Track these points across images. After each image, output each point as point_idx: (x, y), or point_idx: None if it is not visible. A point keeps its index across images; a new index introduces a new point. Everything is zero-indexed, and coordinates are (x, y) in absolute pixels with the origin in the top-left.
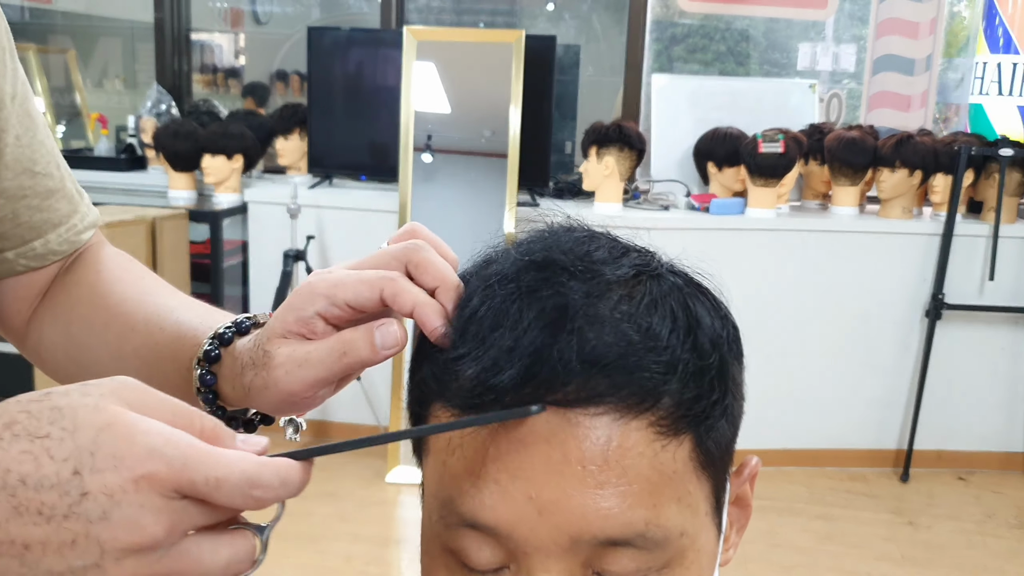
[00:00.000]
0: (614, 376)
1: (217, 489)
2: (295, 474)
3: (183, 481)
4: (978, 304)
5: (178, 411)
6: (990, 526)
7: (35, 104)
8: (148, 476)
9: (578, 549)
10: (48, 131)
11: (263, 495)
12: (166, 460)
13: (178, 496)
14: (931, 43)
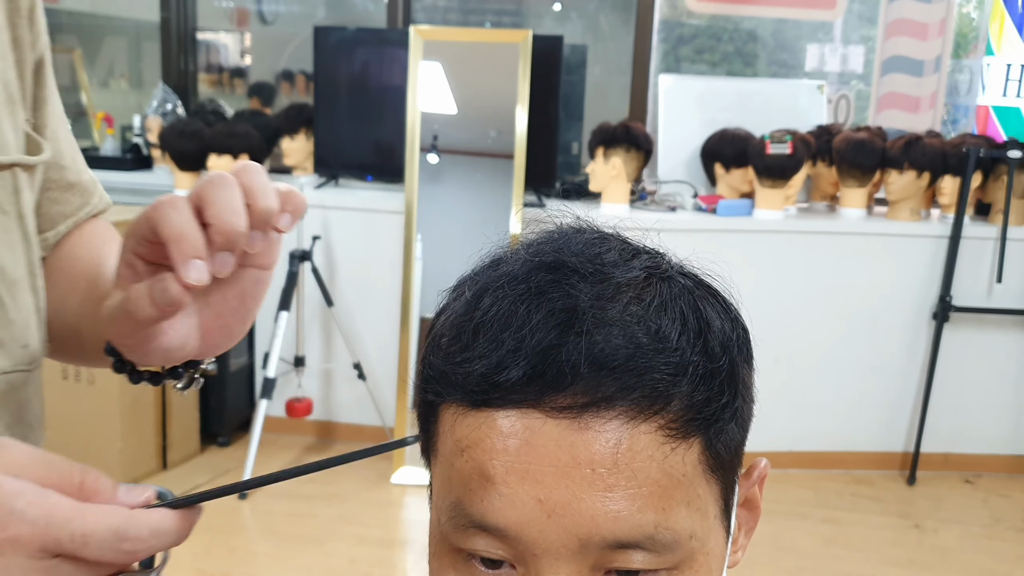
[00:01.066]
0: (623, 378)
1: (84, 546)
2: (169, 523)
3: (48, 540)
4: (986, 306)
5: (53, 467)
6: (998, 530)
7: (59, 100)
8: (12, 540)
9: (587, 551)
10: (68, 125)
11: (133, 547)
12: (29, 521)
13: (47, 555)
14: (940, 44)
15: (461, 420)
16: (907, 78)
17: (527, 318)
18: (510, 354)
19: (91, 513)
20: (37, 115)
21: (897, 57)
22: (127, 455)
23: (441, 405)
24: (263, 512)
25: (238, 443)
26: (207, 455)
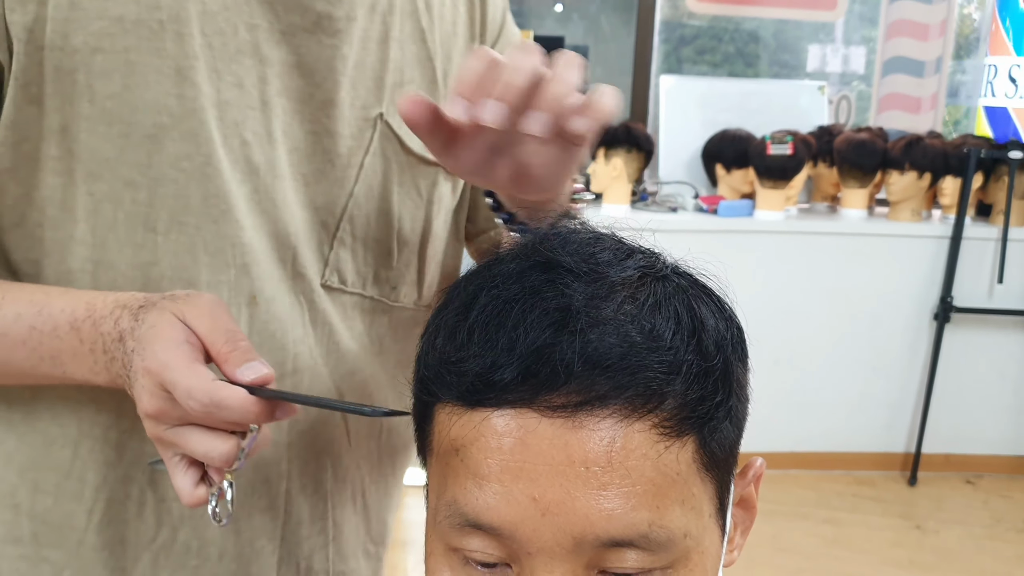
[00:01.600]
0: (617, 377)
1: (188, 397)
2: (252, 406)
3: (165, 382)
4: (987, 307)
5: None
6: (999, 531)
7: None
8: (147, 370)
9: (581, 550)
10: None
11: (224, 415)
12: (159, 363)
13: (164, 392)
14: (941, 45)
15: (456, 419)
16: (908, 79)
17: (521, 318)
18: (504, 353)
19: (198, 376)
20: None
21: (898, 58)
22: None
23: (436, 405)
24: None
25: None
26: None
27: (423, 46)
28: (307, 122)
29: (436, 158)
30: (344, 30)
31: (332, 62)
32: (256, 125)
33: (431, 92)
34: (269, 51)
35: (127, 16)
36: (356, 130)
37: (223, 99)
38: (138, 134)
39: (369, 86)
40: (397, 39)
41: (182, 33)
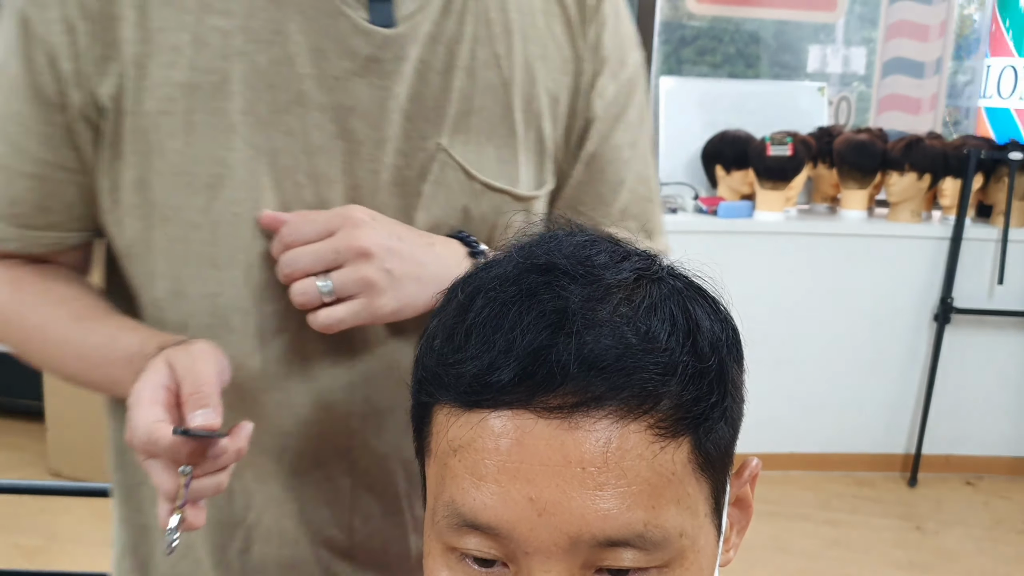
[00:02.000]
0: (613, 378)
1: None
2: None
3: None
4: (987, 308)
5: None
6: (999, 532)
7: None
8: (128, 406)
9: (577, 549)
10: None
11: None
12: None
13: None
14: (941, 46)
15: (454, 420)
16: (908, 80)
17: (518, 319)
18: (501, 355)
19: (145, 415)
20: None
21: (898, 59)
22: None
23: (434, 406)
24: None
25: None
26: None
27: (498, 72)
28: (365, 160)
29: None
30: (395, 71)
31: (384, 102)
32: (309, 168)
33: (503, 118)
34: (320, 98)
35: (186, 82)
36: (414, 160)
37: (273, 147)
38: (199, 183)
39: (428, 116)
40: (465, 67)
41: (232, 92)
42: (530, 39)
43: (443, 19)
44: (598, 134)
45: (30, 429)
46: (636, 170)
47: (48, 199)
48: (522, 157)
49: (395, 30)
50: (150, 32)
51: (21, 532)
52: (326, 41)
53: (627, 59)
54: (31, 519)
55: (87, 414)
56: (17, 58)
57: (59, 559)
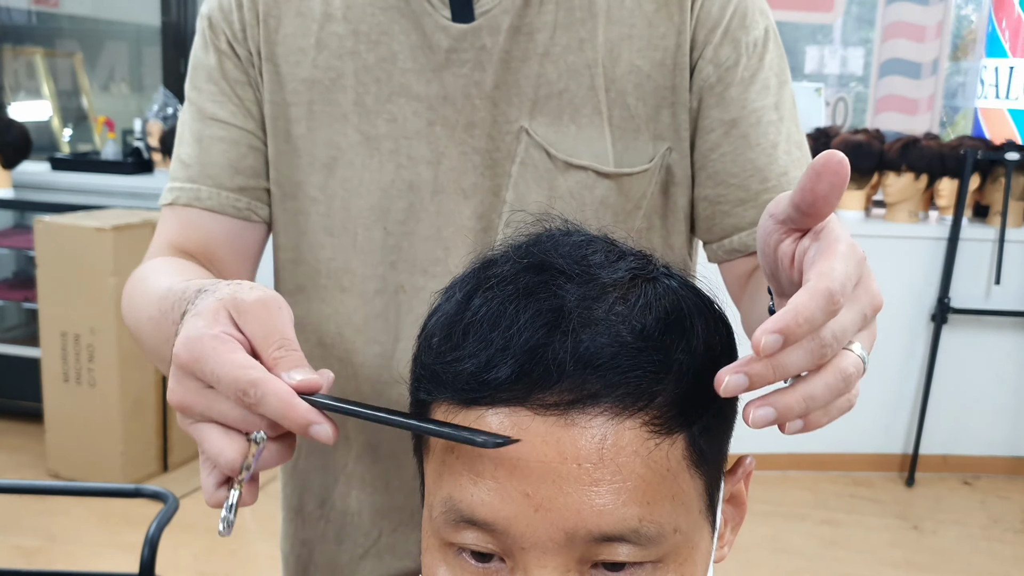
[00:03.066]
0: (608, 376)
1: (217, 381)
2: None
3: (195, 368)
4: (984, 308)
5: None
6: (996, 531)
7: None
8: (176, 356)
9: (573, 544)
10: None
11: (255, 400)
12: (188, 350)
13: (192, 380)
14: (938, 47)
15: (452, 417)
16: (905, 80)
17: (515, 318)
18: (499, 353)
19: (231, 364)
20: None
21: (895, 59)
22: (128, 457)
23: (432, 403)
24: (264, 514)
25: None
26: None
27: (580, 55)
28: (458, 143)
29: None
30: (473, 60)
31: (467, 89)
32: (410, 151)
33: (588, 98)
34: (420, 89)
35: (308, 78)
36: (502, 143)
37: (379, 133)
38: (317, 164)
39: (512, 101)
40: (546, 54)
41: (345, 86)
42: (615, 20)
43: (524, 11)
44: (725, 100)
45: (29, 430)
46: (787, 132)
47: (239, 161)
48: (609, 135)
49: (471, 24)
50: (283, 36)
51: (20, 533)
52: (420, 39)
53: (751, 23)
54: (30, 520)
55: (86, 415)
56: (207, 48)
57: (58, 559)
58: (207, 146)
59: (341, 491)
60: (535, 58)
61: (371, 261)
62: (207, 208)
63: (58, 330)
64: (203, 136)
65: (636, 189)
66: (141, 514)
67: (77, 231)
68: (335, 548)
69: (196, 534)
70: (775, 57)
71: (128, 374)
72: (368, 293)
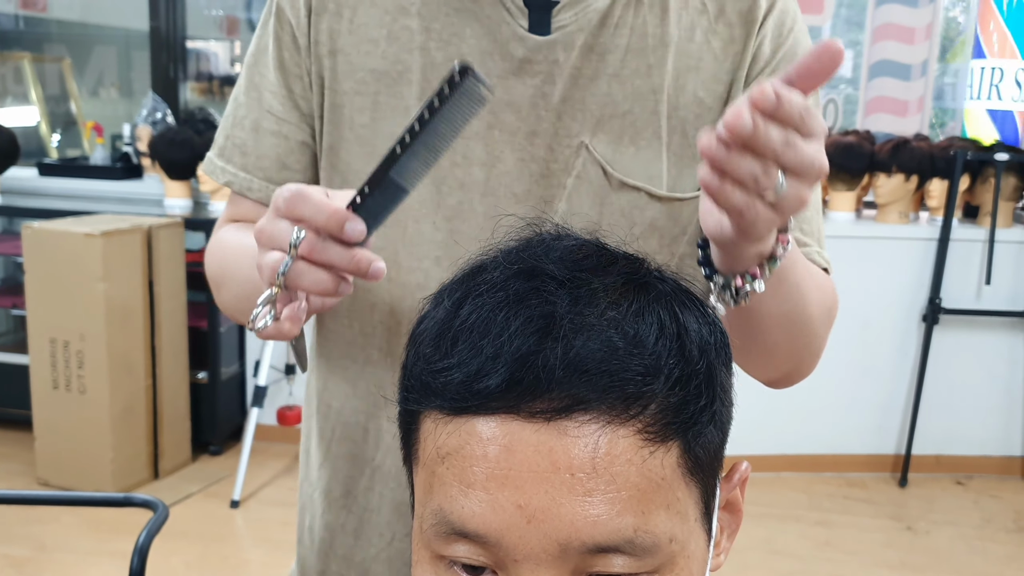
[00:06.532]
0: (599, 381)
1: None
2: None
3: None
4: (975, 308)
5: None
6: (989, 531)
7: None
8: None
9: (567, 556)
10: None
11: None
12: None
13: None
14: (927, 48)
15: (442, 427)
16: (895, 82)
17: (505, 325)
18: (489, 361)
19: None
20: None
21: (884, 61)
22: (119, 464)
23: (422, 413)
24: (256, 520)
25: (230, 452)
26: (199, 464)
27: (647, 80)
28: (516, 149)
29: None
30: (545, 72)
31: (535, 99)
32: (467, 151)
33: (649, 122)
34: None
35: (377, 68)
36: (561, 155)
37: None
38: (377, 153)
39: (576, 116)
40: (615, 75)
41: (411, 80)
42: (683, 52)
43: (599, 31)
44: None
45: (18, 438)
46: (815, 202)
47: (287, 156)
48: (666, 159)
49: (548, 37)
50: (357, 26)
51: (9, 542)
52: (492, 45)
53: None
54: (19, 529)
55: (76, 423)
56: (271, 37)
57: (48, 568)
58: (262, 137)
59: (365, 484)
60: (604, 78)
61: (417, 254)
62: (256, 200)
63: (47, 337)
64: (260, 127)
65: (685, 215)
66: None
67: (66, 237)
68: (352, 542)
69: (187, 542)
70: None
71: (118, 381)
72: (411, 286)
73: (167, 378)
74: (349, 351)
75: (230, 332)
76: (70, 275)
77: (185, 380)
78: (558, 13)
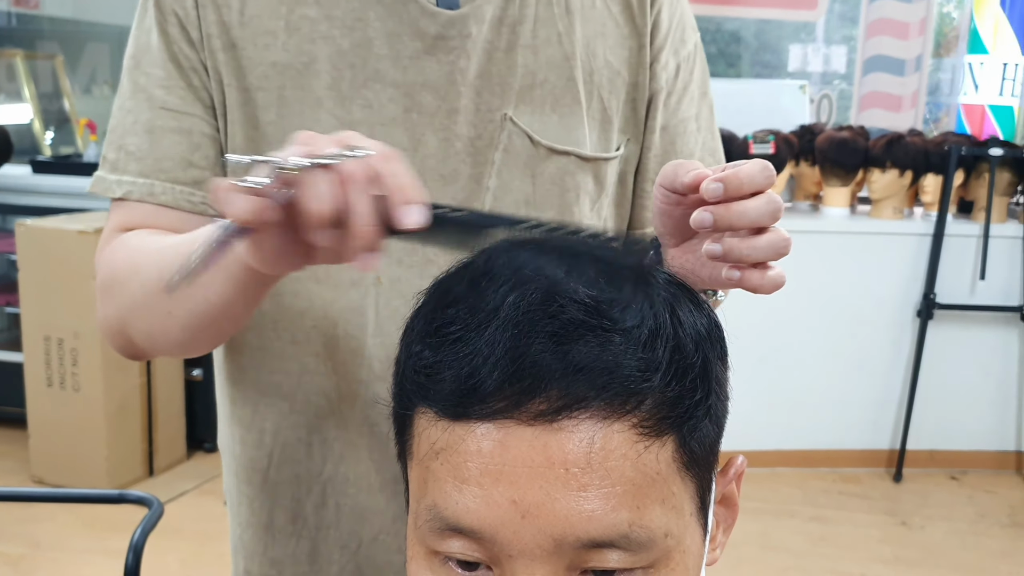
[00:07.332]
0: (595, 378)
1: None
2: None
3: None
4: (969, 303)
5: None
6: (983, 525)
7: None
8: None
9: (562, 551)
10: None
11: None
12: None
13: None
14: (921, 43)
15: (436, 423)
16: (889, 77)
17: (498, 325)
18: (483, 361)
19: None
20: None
21: (879, 56)
22: (113, 462)
23: (415, 414)
24: None
25: None
26: (193, 461)
27: (559, 48)
28: (438, 130)
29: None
30: (459, 47)
31: (452, 76)
32: (385, 138)
33: (567, 89)
34: (396, 75)
35: (279, 62)
36: (484, 131)
37: (354, 119)
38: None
39: (495, 90)
40: (528, 45)
41: (319, 71)
42: (588, 19)
43: (507, 3)
44: (665, 106)
45: (12, 436)
46: (702, 142)
47: (192, 153)
48: (587, 123)
49: (458, 11)
50: (249, 18)
51: (4, 540)
52: (400, 25)
53: (687, 37)
54: (14, 527)
55: (70, 420)
56: (156, 32)
57: (43, 566)
58: (159, 137)
59: (315, 502)
60: (518, 49)
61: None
62: (161, 204)
63: (41, 334)
64: (154, 126)
65: (608, 175)
66: (127, 520)
67: (60, 234)
68: (307, 568)
69: (182, 539)
70: (701, 71)
71: (112, 378)
72: (343, 285)
73: (161, 375)
74: (281, 364)
75: None
76: (64, 272)
77: (179, 377)
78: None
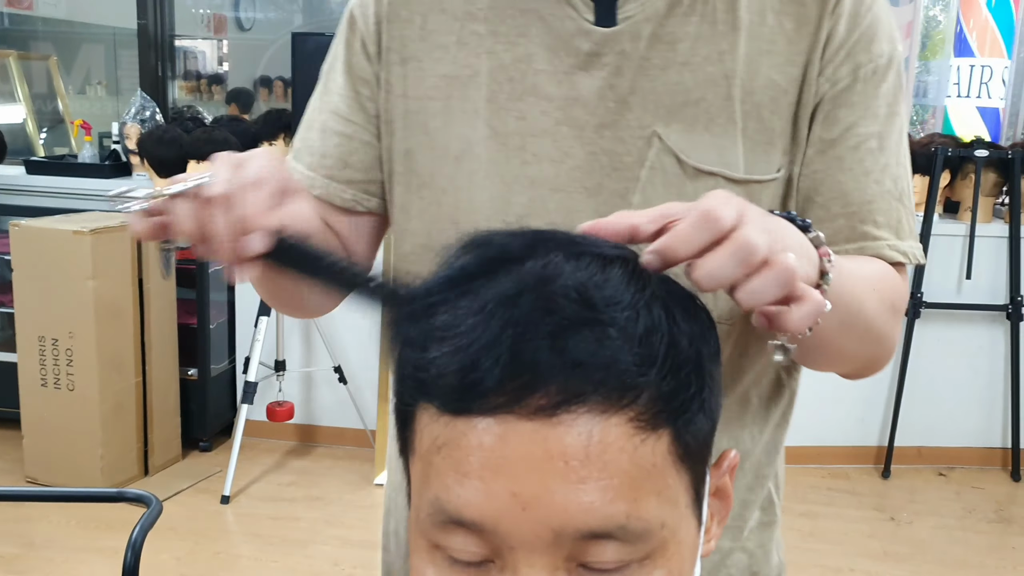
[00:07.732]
0: (593, 373)
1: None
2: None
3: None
4: (956, 302)
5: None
6: (970, 521)
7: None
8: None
9: (561, 543)
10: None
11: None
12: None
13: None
14: (907, 47)
15: (438, 419)
16: None
17: (498, 321)
18: (483, 356)
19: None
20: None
21: None
22: (108, 461)
23: (416, 410)
24: (246, 515)
25: (220, 448)
26: (189, 460)
27: (719, 66)
28: (586, 144)
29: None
30: (613, 64)
31: (603, 92)
32: (536, 149)
33: (723, 108)
34: (550, 89)
35: (448, 74)
36: (633, 147)
37: (507, 130)
38: (449, 156)
39: (647, 107)
40: (685, 64)
41: (480, 83)
42: (755, 36)
43: (667, 20)
44: (833, 120)
45: (6, 436)
46: (884, 163)
47: (350, 155)
48: (742, 144)
49: (614, 29)
50: (427, 33)
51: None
52: (557, 42)
53: (874, 48)
54: (8, 526)
55: (64, 420)
56: (343, 45)
57: (37, 566)
58: (327, 137)
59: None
60: (675, 67)
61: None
62: (317, 196)
63: (35, 334)
64: (326, 127)
65: (764, 199)
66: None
67: (54, 234)
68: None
69: (177, 537)
70: (891, 88)
71: (107, 378)
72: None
73: (157, 375)
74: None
75: (219, 329)
76: (59, 273)
77: (175, 377)
78: (624, 4)
